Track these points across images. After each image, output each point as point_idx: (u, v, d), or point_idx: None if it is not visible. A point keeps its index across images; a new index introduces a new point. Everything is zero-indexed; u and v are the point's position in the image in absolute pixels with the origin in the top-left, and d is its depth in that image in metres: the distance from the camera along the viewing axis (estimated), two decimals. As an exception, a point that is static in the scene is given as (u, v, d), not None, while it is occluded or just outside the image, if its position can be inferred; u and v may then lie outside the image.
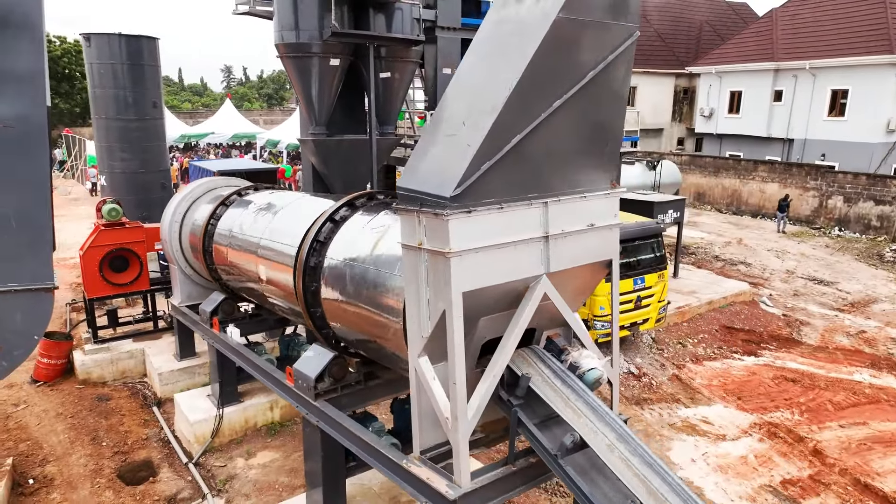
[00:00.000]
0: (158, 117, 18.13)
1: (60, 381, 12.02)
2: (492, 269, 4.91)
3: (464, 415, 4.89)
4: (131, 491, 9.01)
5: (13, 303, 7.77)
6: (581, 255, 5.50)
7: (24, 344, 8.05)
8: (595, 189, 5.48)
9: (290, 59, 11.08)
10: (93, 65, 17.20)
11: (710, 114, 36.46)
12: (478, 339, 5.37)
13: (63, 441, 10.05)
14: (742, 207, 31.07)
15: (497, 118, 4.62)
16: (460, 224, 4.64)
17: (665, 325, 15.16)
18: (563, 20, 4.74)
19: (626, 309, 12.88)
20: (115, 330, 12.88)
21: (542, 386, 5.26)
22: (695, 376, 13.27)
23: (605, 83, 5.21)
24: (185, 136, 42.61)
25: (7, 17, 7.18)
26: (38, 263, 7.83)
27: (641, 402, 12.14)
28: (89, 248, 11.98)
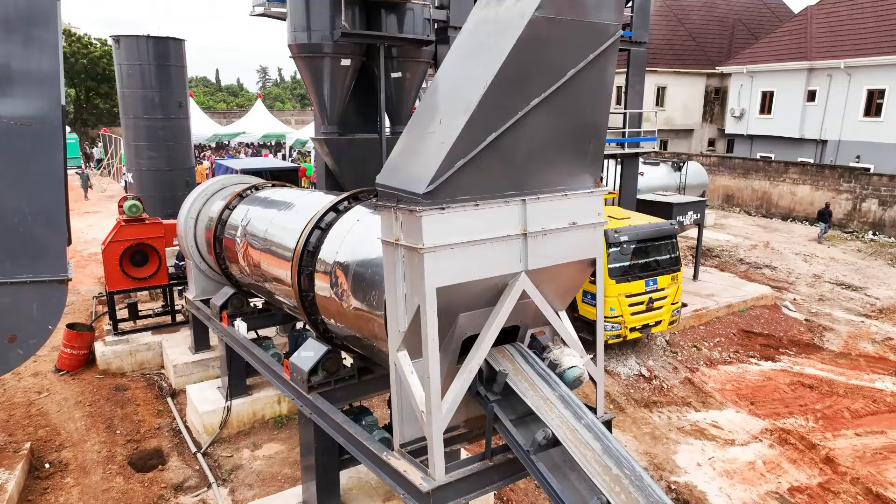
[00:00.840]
0: (184, 116, 18.62)
1: (82, 371, 12.45)
2: (468, 266, 4.96)
3: (438, 409, 4.96)
4: (140, 478, 9.31)
5: (29, 293, 8.12)
6: (562, 254, 5.51)
7: (39, 333, 8.43)
8: (577, 187, 5.49)
9: (302, 59, 11.29)
10: (122, 66, 17.77)
11: (740, 114, 35.74)
12: (458, 335, 5.42)
13: (80, 428, 10.43)
14: (772, 210, 30.39)
15: (471, 116, 4.67)
16: (434, 220, 4.71)
17: (680, 328, 14.97)
18: (541, 19, 4.78)
19: (637, 311, 12.77)
20: (136, 322, 13.30)
21: (519, 383, 5.30)
22: (708, 380, 13.08)
23: (587, 82, 5.22)
24: (217, 135, 43.47)
25: (23, 22, 7.51)
26: (52, 256, 8.17)
27: (651, 404, 12.02)
28: (110, 243, 12.40)
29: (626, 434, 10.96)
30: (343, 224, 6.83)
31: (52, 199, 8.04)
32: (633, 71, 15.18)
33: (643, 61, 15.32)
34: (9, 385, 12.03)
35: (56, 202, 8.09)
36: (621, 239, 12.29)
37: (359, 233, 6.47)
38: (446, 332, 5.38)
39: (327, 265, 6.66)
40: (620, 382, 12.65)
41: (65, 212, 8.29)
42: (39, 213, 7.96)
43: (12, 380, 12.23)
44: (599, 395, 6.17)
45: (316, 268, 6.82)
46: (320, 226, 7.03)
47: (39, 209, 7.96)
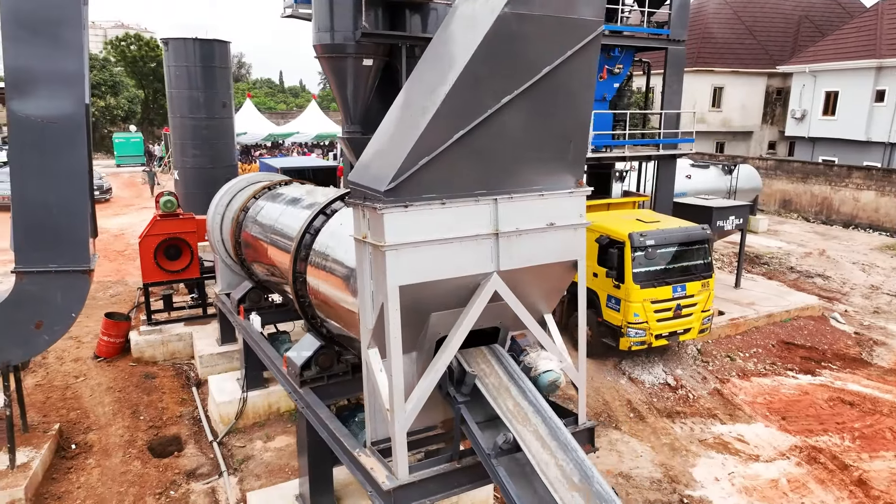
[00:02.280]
0: (227, 116, 19.23)
1: (118, 359, 13.03)
2: (435, 265, 4.93)
3: (401, 408, 4.94)
4: (157, 463, 9.67)
5: (54, 282, 8.55)
6: (540, 255, 5.40)
7: (63, 320, 8.88)
8: (556, 188, 5.36)
9: (325, 59, 11.48)
10: (170, 67, 18.51)
11: (801, 116, 34.10)
12: (432, 334, 5.38)
13: (107, 412, 10.92)
14: (832, 217, 28.85)
15: (435, 113, 4.64)
16: (396, 218, 4.70)
17: (714, 337, 14.41)
18: (511, 15, 4.70)
19: (664, 317, 12.36)
20: (170, 314, 13.82)
21: (489, 385, 5.22)
22: (738, 392, 12.53)
23: (565, 79, 5.10)
24: (272, 135, 44.74)
25: (49, 25, 7.92)
26: (76, 248, 8.58)
27: (673, 415, 11.61)
28: (145, 237, 12.94)
29: (644, 444, 10.62)
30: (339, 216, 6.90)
31: (76, 193, 8.45)
32: (670, 70, 14.71)
33: (681, 60, 14.83)
34: (51, 369, 12.72)
35: (79, 196, 8.50)
36: (647, 243, 11.92)
37: (346, 226, 6.52)
38: (419, 332, 5.36)
39: (319, 261, 6.74)
40: (644, 390, 12.28)
41: (88, 206, 8.71)
42: (64, 207, 8.38)
43: (55, 364, 12.94)
44: (581, 402, 6.01)
45: (310, 262, 6.91)
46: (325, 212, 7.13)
47: (64, 203, 8.37)
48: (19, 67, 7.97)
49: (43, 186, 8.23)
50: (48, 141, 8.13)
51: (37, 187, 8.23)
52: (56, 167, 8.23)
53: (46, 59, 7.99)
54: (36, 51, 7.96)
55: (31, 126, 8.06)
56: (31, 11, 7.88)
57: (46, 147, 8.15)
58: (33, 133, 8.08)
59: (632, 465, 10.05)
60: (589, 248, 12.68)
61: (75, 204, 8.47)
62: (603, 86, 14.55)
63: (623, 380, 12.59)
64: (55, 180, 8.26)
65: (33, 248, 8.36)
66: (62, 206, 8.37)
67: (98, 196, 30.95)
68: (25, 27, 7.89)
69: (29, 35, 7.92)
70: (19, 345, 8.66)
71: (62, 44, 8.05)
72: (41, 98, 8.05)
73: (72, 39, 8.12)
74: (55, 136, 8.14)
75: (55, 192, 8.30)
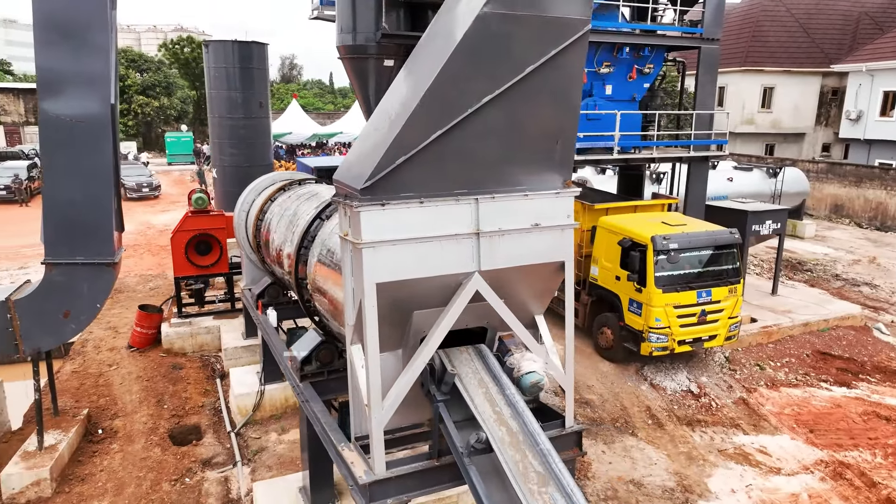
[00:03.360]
0: (264, 116, 19.69)
1: (150, 349, 13.55)
2: (413, 263, 4.96)
3: (378, 404, 5.00)
4: (175, 450, 10.01)
5: (81, 274, 8.97)
6: (524, 255, 5.37)
7: (89, 310, 9.30)
8: (542, 188, 5.33)
9: (348, 60, 11.65)
10: (210, 68, 19.06)
11: (857, 117, 32.62)
12: (415, 332, 5.42)
13: (134, 400, 11.37)
14: (888, 223, 27.51)
15: (412, 113, 4.68)
16: (373, 216, 4.76)
17: (745, 345, 13.97)
18: (490, 15, 4.70)
19: (687, 323, 12.05)
20: (201, 307, 14.27)
21: (470, 385, 5.22)
22: (765, 402, 12.11)
23: (551, 79, 5.06)
24: (316, 135, 45.57)
25: (78, 29, 8.31)
26: (101, 242, 8.99)
27: (694, 423, 11.31)
28: (177, 232, 13.41)
29: (659, 452, 10.39)
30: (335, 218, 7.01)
31: (101, 189, 8.85)
32: (703, 70, 14.32)
33: (715, 60, 14.41)
34: (88, 357, 13.33)
35: (104, 192, 8.90)
36: (670, 246, 11.65)
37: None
38: (403, 329, 5.41)
39: (318, 253, 6.86)
40: (665, 397, 12.00)
41: (113, 201, 9.10)
42: (90, 202, 8.79)
43: (92, 352, 13.55)
44: (569, 405, 5.94)
45: (311, 258, 7.05)
46: (321, 216, 7.26)
47: (90, 199, 8.78)
48: (50, 69, 8.41)
49: (71, 183, 8.66)
50: (76, 139, 8.55)
51: (65, 183, 8.67)
52: (83, 164, 8.65)
53: (74, 62, 8.40)
54: (65, 53, 8.37)
55: (60, 125, 8.49)
56: (61, 17, 8.30)
57: (74, 145, 8.57)
58: (63, 132, 8.51)
59: (645, 472, 9.84)
60: (612, 251, 12.51)
61: (101, 200, 8.88)
62: (632, 86, 14.29)
63: (644, 385, 12.34)
64: (82, 177, 8.68)
65: (61, 241, 8.81)
66: (88, 202, 8.79)
67: (147, 192, 32.26)
68: (55, 31, 8.32)
69: (59, 39, 8.35)
70: (49, 332, 9.11)
71: (89, 47, 8.45)
72: (70, 98, 8.47)
73: (98, 43, 8.51)
74: (82, 135, 8.55)
75: (82, 188, 8.72)
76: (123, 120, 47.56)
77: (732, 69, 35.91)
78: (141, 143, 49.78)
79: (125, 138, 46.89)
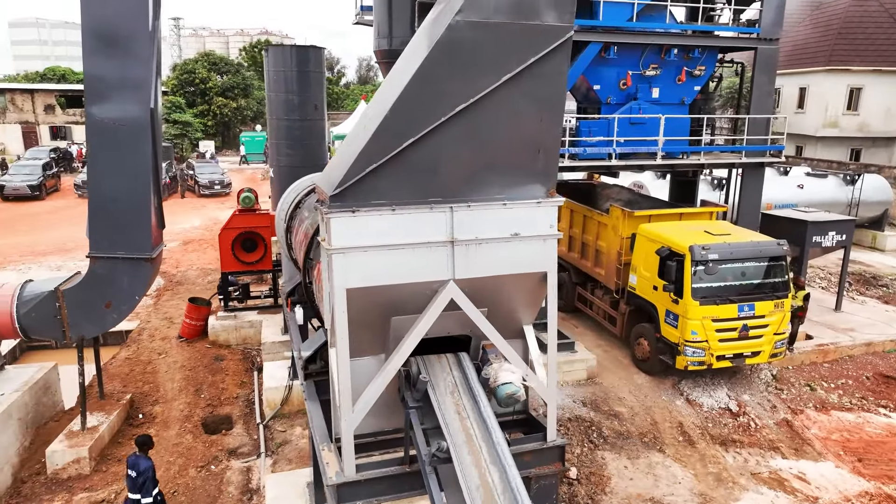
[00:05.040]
0: (319, 118, 20.25)
1: (197, 340, 14.25)
2: (385, 270, 5.01)
3: (348, 407, 5.08)
4: (206, 439, 10.50)
5: (121, 267, 9.58)
6: (503, 265, 5.31)
7: (128, 302, 9.89)
8: (522, 197, 5.25)
9: (384, 64, 11.84)
10: (269, 72, 19.79)
11: (955, 120, 29.98)
12: (394, 337, 5.47)
13: (174, 388, 12.00)
14: None
15: (383, 121, 4.73)
16: (343, 223, 4.84)
17: (797, 363, 13.19)
18: (463, 23, 4.69)
19: (727, 337, 11.49)
20: (246, 302, 14.88)
21: (441, 393, 5.22)
22: (811, 425, 11.38)
23: (530, 87, 4.99)
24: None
25: (122, 39, 8.87)
26: (140, 238, 9.56)
27: (728, 442, 10.78)
28: (224, 230, 14.04)
29: (686, 471, 9.98)
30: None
31: (141, 188, 9.41)
32: (759, 71, 13.58)
33: (773, 61, 13.62)
34: (143, 345, 14.17)
35: (143, 191, 9.45)
36: (709, 257, 11.14)
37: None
38: (382, 334, 5.47)
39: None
40: (699, 414, 11.50)
41: (151, 200, 9.63)
42: (129, 200, 9.36)
43: (147, 340, 14.40)
44: (550, 418, 5.80)
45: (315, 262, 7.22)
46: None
47: (130, 197, 9.35)
48: (97, 76, 9.01)
49: (112, 182, 9.26)
50: (118, 141, 9.12)
51: (107, 182, 9.28)
52: (124, 165, 9.23)
53: (118, 69, 8.96)
54: (110, 62, 8.95)
55: (104, 128, 9.08)
56: (107, 28, 8.87)
57: (117, 147, 9.15)
58: (106, 134, 9.11)
59: (667, 490, 9.48)
60: (650, 260, 12.10)
61: (140, 198, 9.43)
62: (681, 88, 13.75)
63: (679, 400, 11.86)
64: (123, 177, 9.26)
65: (103, 236, 9.42)
66: (128, 200, 9.36)
67: (219, 189, 33.82)
68: (102, 41, 8.90)
69: (105, 47, 8.93)
70: (92, 321, 9.76)
71: (132, 55, 8.99)
72: (113, 103, 9.04)
73: (141, 51, 9.04)
74: (123, 137, 9.12)
75: (122, 187, 9.30)
76: (204, 120, 50.09)
77: (815, 69, 33.90)
78: (220, 143, 52.26)
79: (204, 137, 49.34)
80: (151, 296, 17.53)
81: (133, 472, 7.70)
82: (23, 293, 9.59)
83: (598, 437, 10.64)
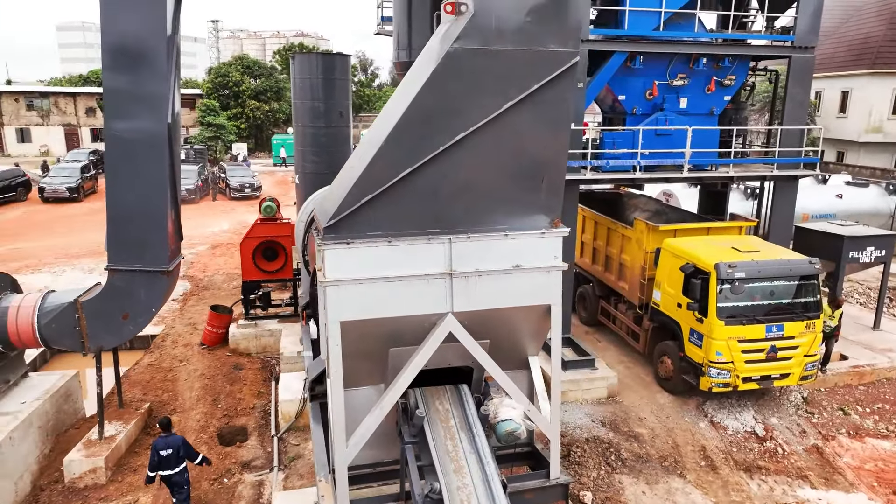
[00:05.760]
0: (344, 125, 20.30)
1: (219, 348, 14.36)
2: (381, 302, 4.89)
3: (341, 442, 4.96)
4: (220, 450, 10.53)
5: (138, 280, 9.65)
6: (504, 298, 5.13)
7: (145, 313, 9.97)
8: (524, 228, 5.07)
9: (403, 76, 11.70)
10: (296, 79, 19.90)
11: None
12: (393, 368, 5.34)
13: (193, 398, 12.09)
14: None
15: (378, 151, 4.61)
16: (338, 254, 4.73)
17: (829, 386, 12.66)
18: (462, 51, 4.55)
19: (754, 359, 11.06)
20: (267, 310, 14.93)
21: (438, 429, 5.06)
22: (844, 453, 10.88)
23: (533, 115, 4.81)
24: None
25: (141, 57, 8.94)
26: (156, 251, 9.62)
27: (753, 469, 10.37)
28: (246, 238, 14.12)
29: (707, 498, 9.62)
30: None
31: (157, 202, 9.47)
32: (793, 80, 13.05)
33: (808, 70, 13.07)
34: (166, 351, 14.34)
35: (160, 205, 9.51)
36: (735, 275, 10.73)
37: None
38: (379, 365, 5.35)
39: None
40: (724, 438, 11.09)
41: (168, 213, 9.69)
42: (146, 214, 9.43)
43: (170, 347, 14.57)
44: (553, 455, 5.59)
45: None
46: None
47: (146, 210, 9.42)
48: (115, 91, 9.10)
49: (130, 195, 9.34)
50: (135, 156, 9.20)
51: (125, 195, 9.35)
52: (141, 179, 9.29)
53: (137, 84, 9.03)
54: (129, 77, 9.02)
55: (122, 142, 9.17)
56: (126, 44, 8.94)
57: (134, 161, 9.22)
58: (124, 148, 9.19)
59: (685, 520, 9.16)
60: (674, 276, 11.74)
61: (156, 212, 9.50)
62: (710, 98, 13.32)
63: (703, 423, 11.47)
64: (140, 190, 9.33)
65: (121, 249, 9.51)
66: (145, 213, 9.43)
67: (249, 193, 34.24)
68: (121, 57, 8.98)
69: (124, 63, 9.01)
70: (110, 332, 9.87)
71: (150, 71, 9.04)
72: (132, 118, 9.12)
73: (159, 67, 9.09)
74: (141, 151, 9.18)
75: (139, 201, 9.37)
76: (237, 123, 50.83)
77: (859, 72, 32.71)
78: (252, 145, 52.98)
79: (237, 140, 50.08)
80: (178, 300, 17.78)
81: (167, 451, 8.49)
82: (44, 304, 9.76)
83: (615, 459, 10.34)
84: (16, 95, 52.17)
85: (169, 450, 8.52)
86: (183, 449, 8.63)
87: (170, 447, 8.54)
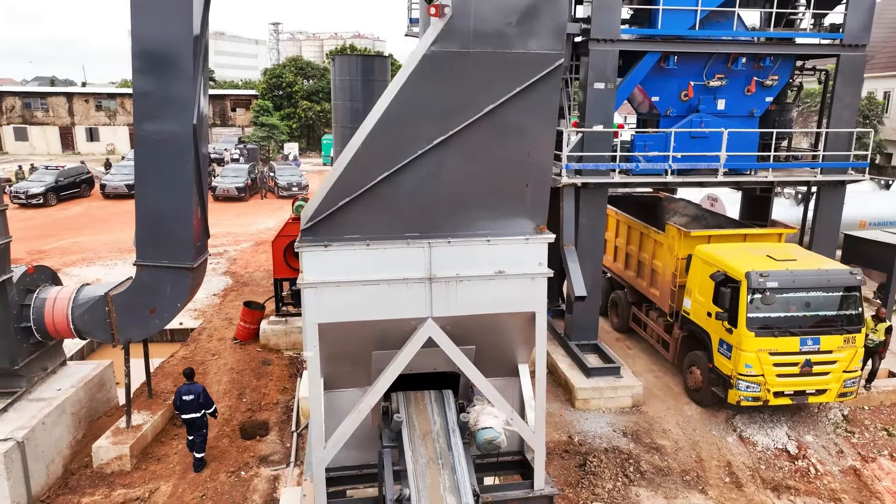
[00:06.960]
0: (382, 126, 20.49)
1: (250, 343, 14.72)
2: (359, 306, 4.88)
3: (319, 443, 4.99)
4: (240, 444, 10.78)
5: (164, 276, 10.00)
6: (486, 304, 5.05)
7: (171, 309, 10.31)
8: (507, 233, 4.97)
9: (428, 78, 11.69)
10: (335, 80, 20.22)
11: None
12: (376, 371, 5.33)
13: (219, 391, 12.42)
14: None
15: (356, 154, 4.61)
16: (315, 257, 4.75)
17: (874, 404, 11.96)
18: (440, 54, 4.51)
19: (786, 373, 10.55)
20: (298, 307, 15.20)
21: (415, 434, 5.02)
22: (884, 476, 10.24)
23: (517, 117, 4.72)
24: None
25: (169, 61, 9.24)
26: (182, 248, 9.94)
27: (781, 488, 9.88)
28: (277, 237, 14.42)
29: (728, 517, 9.24)
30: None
31: (183, 201, 9.77)
32: (842, 81, 12.36)
33: (859, 69, 12.36)
34: (201, 345, 14.79)
35: (186, 204, 9.81)
36: (767, 284, 10.26)
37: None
38: (362, 368, 5.35)
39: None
40: (752, 453, 10.62)
41: (194, 211, 9.98)
42: (172, 212, 9.75)
43: (205, 340, 15.03)
44: (538, 466, 5.46)
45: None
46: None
47: (173, 209, 9.75)
48: (145, 93, 9.44)
49: (157, 194, 9.68)
50: (162, 156, 9.53)
51: (152, 194, 9.69)
52: (167, 178, 9.62)
53: (164, 87, 9.34)
54: (157, 81, 9.35)
55: (150, 143, 9.51)
56: (154, 48, 9.27)
57: (161, 161, 9.55)
58: (152, 149, 9.52)
59: (703, 538, 8.81)
60: (705, 284, 11.33)
61: (182, 210, 9.80)
62: (750, 100, 12.78)
63: (731, 437, 11.01)
64: (166, 189, 9.66)
65: (149, 246, 9.87)
66: (171, 212, 9.76)
67: (297, 192, 34.97)
68: (149, 61, 9.31)
69: (152, 67, 9.34)
70: (138, 326, 10.24)
71: (177, 74, 9.34)
72: (159, 119, 9.45)
73: (185, 71, 9.38)
74: (168, 152, 9.50)
75: (166, 200, 9.70)
76: (289, 123, 52.05)
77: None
78: (304, 144, 54.16)
79: (289, 140, 51.28)
80: (218, 295, 18.33)
81: (189, 396, 9.82)
82: (78, 297, 10.21)
83: (634, 471, 10.05)
84: (86, 97, 55.02)
85: (191, 395, 9.83)
86: (203, 396, 9.95)
87: (192, 393, 9.84)
